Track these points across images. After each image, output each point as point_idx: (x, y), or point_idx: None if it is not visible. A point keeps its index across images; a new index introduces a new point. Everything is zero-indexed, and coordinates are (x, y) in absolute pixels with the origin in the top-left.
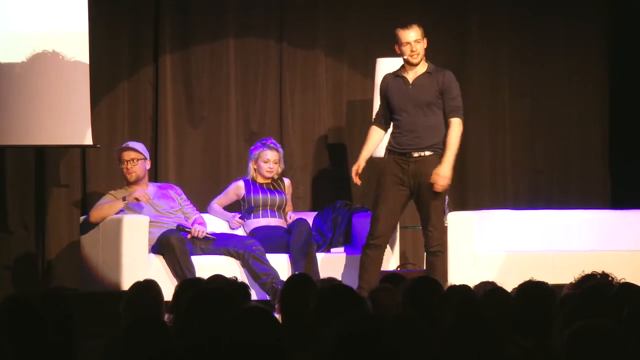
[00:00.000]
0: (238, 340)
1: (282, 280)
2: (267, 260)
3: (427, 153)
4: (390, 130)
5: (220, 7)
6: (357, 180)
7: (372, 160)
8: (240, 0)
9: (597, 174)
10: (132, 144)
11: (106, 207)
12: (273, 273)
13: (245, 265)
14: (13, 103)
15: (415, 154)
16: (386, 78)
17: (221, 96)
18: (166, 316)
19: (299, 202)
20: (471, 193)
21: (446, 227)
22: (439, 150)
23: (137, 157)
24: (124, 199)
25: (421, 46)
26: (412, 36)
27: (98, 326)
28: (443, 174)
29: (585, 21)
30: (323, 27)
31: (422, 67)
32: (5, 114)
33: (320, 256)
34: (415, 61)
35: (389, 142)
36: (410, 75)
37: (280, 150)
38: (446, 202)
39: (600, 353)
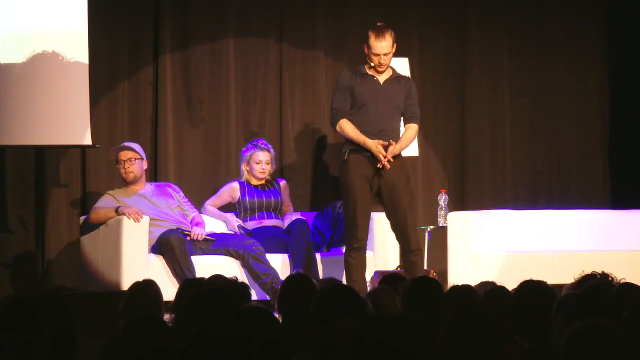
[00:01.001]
0: (238, 340)
1: (282, 280)
2: (267, 260)
3: (391, 158)
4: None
5: (220, 7)
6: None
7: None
8: (240, 0)
9: (597, 174)
10: (128, 143)
11: (102, 213)
12: (273, 273)
13: (245, 265)
14: (13, 103)
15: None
16: (350, 74)
17: (221, 96)
18: (166, 316)
19: (299, 202)
20: (471, 193)
21: (441, 227)
22: (399, 155)
23: (134, 157)
24: (116, 210)
25: (389, 57)
26: (384, 49)
27: (98, 326)
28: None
29: (585, 21)
30: (323, 27)
31: (388, 70)
32: (5, 114)
33: (320, 256)
34: (381, 70)
35: (351, 143)
36: (381, 77)
37: (272, 150)
38: (446, 202)
39: (600, 353)
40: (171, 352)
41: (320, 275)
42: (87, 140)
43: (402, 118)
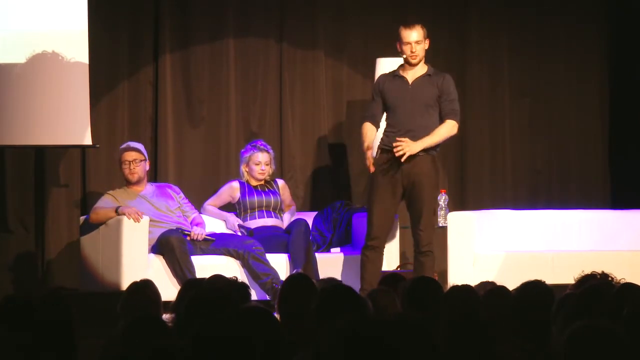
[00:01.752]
0: (238, 340)
1: (282, 280)
2: (267, 260)
3: (421, 153)
4: (382, 128)
5: (220, 7)
6: (373, 168)
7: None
8: (240, 0)
9: (597, 174)
10: (133, 144)
11: (101, 213)
12: (273, 273)
13: (245, 265)
14: (13, 103)
15: (412, 154)
16: (382, 77)
17: (221, 96)
18: (166, 316)
19: (299, 202)
20: (471, 193)
21: (441, 227)
22: (432, 151)
23: (139, 158)
24: (116, 210)
25: (421, 48)
26: (414, 37)
27: (98, 326)
28: (411, 145)
29: (585, 21)
30: (323, 27)
31: (422, 69)
32: (5, 114)
33: (320, 256)
34: (414, 62)
35: (382, 141)
36: (410, 76)
37: (271, 151)
38: (446, 202)
39: (600, 353)
40: (171, 352)
41: (320, 275)
42: (87, 140)
43: (438, 115)
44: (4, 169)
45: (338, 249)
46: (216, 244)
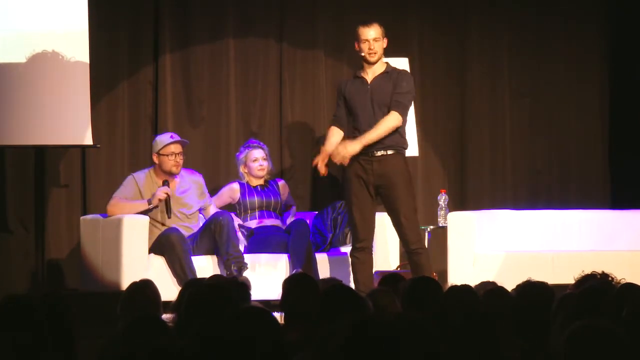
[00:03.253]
0: (237, 340)
1: (246, 264)
2: (235, 239)
3: (390, 152)
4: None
5: (220, 7)
6: (323, 169)
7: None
8: (240, 0)
9: (597, 174)
10: (176, 135)
11: (127, 208)
12: (235, 254)
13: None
14: (13, 103)
15: (378, 153)
16: (344, 81)
17: (221, 96)
18: (166, 316)
19: (299, 202)
20: (471, 193)
21: (441, 227)
22: (401, 149)
23: (182, 151)
24: (149, 202)
25: (380, 45)
26: (372, 34)
27: (98, 326)
28: (347, 148)
29: (585, 21)
30: (323, 27)
31: (380, 67)
32: (5, 114)
33: (320, 256)
34: (372, 60)
35: None
36: (369, 76)
37: (265, 147)
38: (446, 202)
39: (600, 353)
40: (171, 352)
41: (320, 275)
42: (88, 140)
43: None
44: (4, 169)
45: (339, 249)
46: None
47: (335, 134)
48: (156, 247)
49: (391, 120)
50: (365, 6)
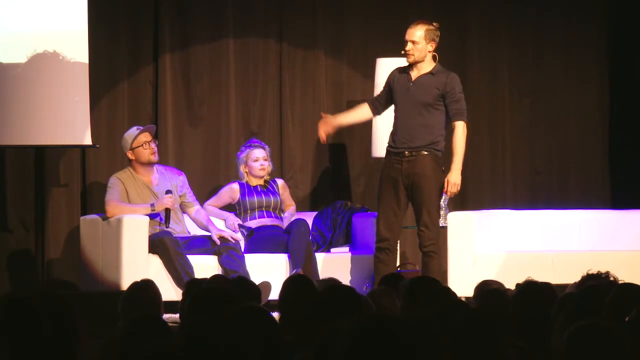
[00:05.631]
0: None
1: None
2: (241, 258)
3: (421, 152)
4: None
5: (220, 7)
6: (324, 137)
7: (374, 161)
8: (240, 0)
9: (597, 174)
10: (140, 126)
11: (128, 210)
12: (242, 272)
13: (219, 260)
14: (13, 103)
15: (408, 153)
16: (397, 70)
17: (221, 96)
18: (167, 316)
19: (299, 202)
20: (471, 193)
21: (441, 227)
22: (433, 150)
23: (152, 139)
24: (152, 206)
25: (418, 48)
26: (409, 35)
27: (98, 326)
28: (453, 181)
29: (585, 21)
30: (323, 27)
31: (427, 67)
32: (5, 114)
33: (320, 256)
34: (408, 60)
35: (388, 143)
36: (414, 73)
37: (267, 147)
38: (446, 202)
39: (600, 353)
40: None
41: (320, 275)
42: (87, 140)
43: (443, 115)
44: (4, 169)
45: (339, 249)
46: (196, 244)
47: (361, 110)
48: (151, 248)
49: (461, 132)
50: (365, 6)
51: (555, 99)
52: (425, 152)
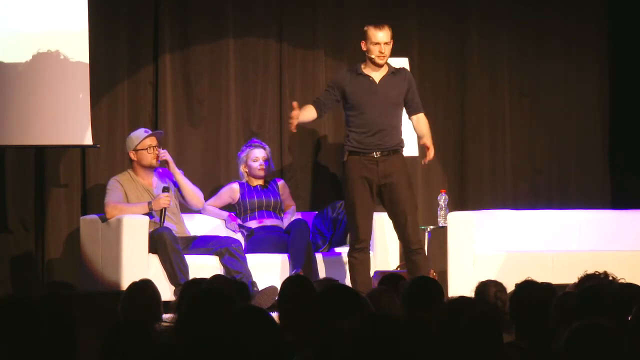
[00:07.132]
0: (236, 340)
1: (252, 281)
2: (243, 258)
3: (394, 152)
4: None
5: (220, 7)
6: (293, 125)
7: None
8: (240, 0)
9: (597, 174)
10: (147, 130)
11: (127, 210)
12: (245, 272)
13: (221, 260)
14: (13, 103)
15: (382, 153)
16: (345, 74)
17: (221, 96)
18: (166, 316)
19: (299, 202)
20: (471, 193)
21: (441, 227)
22: (402, 149)
23: (157, 144)
24: (149, 204)
25: (389, 48)
26: (384, 38)
27: (98, 326)
28: (432, 150)
29: (585, 21)
30: (323, 27)
31: (384, 68)
32: (5, 114)
33: (320, 256)
34: (381, 62)
35: (351, 143)
36: (376, 75)
37: (267, 147)
38: (446, 202)
39: (600, 353)
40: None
41: (320, 275)
42: (88, 140)
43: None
44: (4, 169)
45: (339, 249)
46: (197, 244)
47: (309, 111)
48: (150, 245)
49: (425, 119)
50: (365, 6)
51: (555, 99)
52: (397, 151)
